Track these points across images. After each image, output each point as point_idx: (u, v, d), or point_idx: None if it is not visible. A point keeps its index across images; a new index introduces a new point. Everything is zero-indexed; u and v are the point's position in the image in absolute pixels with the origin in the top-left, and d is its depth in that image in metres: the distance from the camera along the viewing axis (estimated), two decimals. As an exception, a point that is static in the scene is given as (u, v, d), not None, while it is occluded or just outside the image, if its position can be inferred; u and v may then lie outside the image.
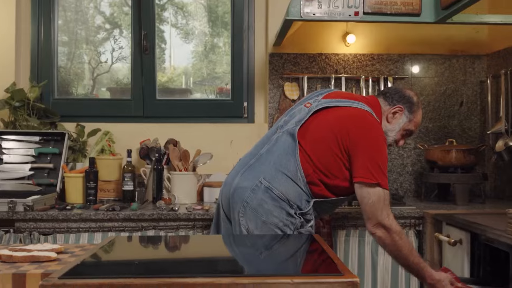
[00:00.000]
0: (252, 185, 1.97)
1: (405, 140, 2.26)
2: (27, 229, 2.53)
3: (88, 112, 3.32)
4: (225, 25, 3.55)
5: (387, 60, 3.30)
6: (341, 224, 2.60)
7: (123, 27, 3.58)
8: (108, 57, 3.59)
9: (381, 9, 2.67)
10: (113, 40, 3.62)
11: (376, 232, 1.95)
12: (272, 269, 1.26)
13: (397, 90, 2.23)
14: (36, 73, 3.29)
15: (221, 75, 3.52)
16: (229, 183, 2.08)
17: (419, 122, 2.23)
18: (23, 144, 3.03)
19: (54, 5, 3.34)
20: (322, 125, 2.03)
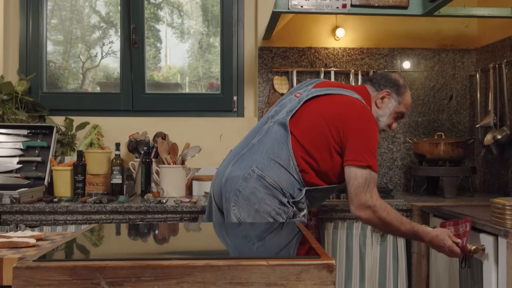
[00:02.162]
0: (244, 173, 1.96)
1: (397, 123, 2.26)
2: (14, 221, 2.52)
3: (77, 105, 3.31)
4: (220, 24, 3.54)
5: (376, 54, 3.30)
6: (329, 216, 2.60)
7: (119, 26, 3.57)
8: (98, 52, 3.58)
9: (369, 2, 2.67)
10: (103, 38, 3.61)
11: (361, 215, 1.94)
12: (248, 252, 1.25)
13: (382, 75, 2.24)
14: (24, 66, 3.28)
15: (216, 75, 3.51)
16: (221, 173, 2.07)
17: (408, 103, 2.23)
18: (11, 137, 3.02)
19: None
20: (313, 113, 2.03)
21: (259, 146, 2.03)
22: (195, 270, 1.07)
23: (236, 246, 1.38)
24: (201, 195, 2.94)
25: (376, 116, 2.13)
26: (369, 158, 1.92)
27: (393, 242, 2.61)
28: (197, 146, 2.93)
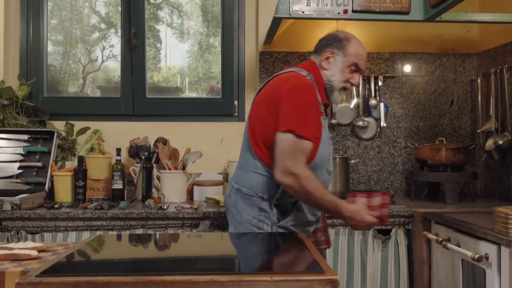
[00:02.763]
0: (228, 191, 2.11)
1: (358, 76, 2.13)
2: (14, 227, 2.51)
3: (78, 110, 3.30)
4: (219, 24, 3.54)
5: (377, 59, 3.29)
6: (330, 223, 2.59)
7: (118, 27, 3.56)
8: (99, 55, 3.57)
9: (370, 7, 2.67)
10: (103, 38, 3.60)
11: (284, 180, 1.86)
12: (252, 267, 1.25)
13: (322, 38, 2.19)
14: (25, 71, 3.27)
15: (216, 75, 3.51)
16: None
17: (358, 52, 2.10)
18: (12, 142, 3.01)
19: (43, 1, 3.32)
20: (258, 104, 2.08)
21: (239, 161, 2.15)
22: (199, 285, 1.07)
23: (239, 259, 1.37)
24: (202, 200, 2.94)
25: (327, 78, 2.08)
26: (291, 123, 1.88)
27: (394, 248, 2.61)
28: (198, 151, 2.93)
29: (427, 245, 2.49)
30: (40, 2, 3.30)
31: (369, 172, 3.26)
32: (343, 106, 3.22)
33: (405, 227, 2.62)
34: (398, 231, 2.61)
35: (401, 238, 2.60)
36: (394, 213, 2.61)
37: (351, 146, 3.26)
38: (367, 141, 3.26)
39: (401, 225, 2.62)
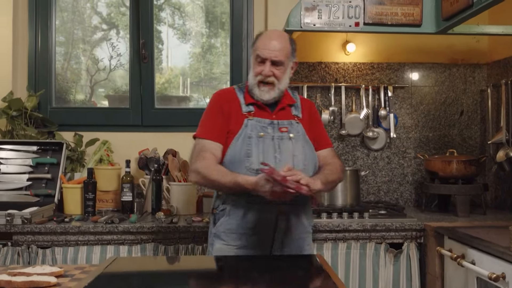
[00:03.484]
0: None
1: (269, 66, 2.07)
2: (25, 242, 2.50)
3: (86, 121, 3.29)
4: (222, 26, 3.53)
5: (387, 69, 3.28)
6: (341, 237, 2.58)
7: (120, 28, 3.55)
8: (106, 65, 3.56)
9: (382, 20, 2.66)
10: (111, 47, 3.59)
11: (192, 179, 2.06)
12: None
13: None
14: (33, 82, 3.26)
15: (218, 76, 3.50)
16: None
17: (261, 43, 2.09)
18: (21, 154, 3.00)
19: (51, 13, 3.31)
20: None
21: None
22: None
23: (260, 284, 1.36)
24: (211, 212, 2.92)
25: (249, 78, 2.16)
26: (198, 131, 2.15)
27: (406, 262, 2.59)
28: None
29: (440, 260, 2.48)
30: (48, 14, 3.29)
31: (379, 182, 3.25)
32: (352, 117, 3.21)
33: (417, 241, 2.61)
34: (410, 245, 2.60)
35: (413, 252, 2.59)
36: (406, 227, 2.60)
37: (361, 157, 3.25)
38: (377, 152, 3.25)
39: (413, 239, 2.61)
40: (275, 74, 2.08)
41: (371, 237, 2.60)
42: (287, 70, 2.12)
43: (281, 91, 2.12)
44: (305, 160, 2.08)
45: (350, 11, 2.63)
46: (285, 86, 2.13)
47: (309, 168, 2.08)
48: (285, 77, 2.11)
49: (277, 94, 2.11)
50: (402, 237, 2.61)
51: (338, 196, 2.88)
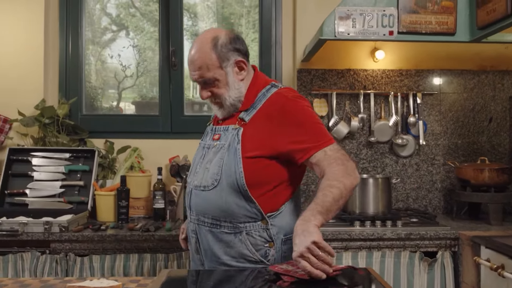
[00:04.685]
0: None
1: (201, 91, 1.85)
2: (63, 250, 2.53)
3: (116, 128, 3.31)
4: (231, 26, 3.54)
5: (415, 76, 3.28)
6: (376, 245, 2.59)
7: (130, 29, 3.57)
8: (134, 72, 3.58)
9: (416, 29, 2.66)
10: (137, 54, 3.62)
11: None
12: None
13: None
14: (64, 89, 3.29)
15: None
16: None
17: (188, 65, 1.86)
18: (53, 161, 3.03)
19: (81, 21, 3.34)
20: None
21: None
22: None
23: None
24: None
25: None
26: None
27: (440, 271, 2.59)
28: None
29: (476, 269, 2.48)
30: (79, 21, 3.32)
31: (407, 190, 3.25)
32: (381, 124, 3.21)
33: (451, 249, 2.61)
34: (444, 254, 2.60)
35: (447, 261, 2.59)
36: (440, 236, 2.60)
37: (389, 164, 3.25)
38: (405, 159, 3.25)
39: (447, 247, 2.61)
40: (213, 92, 1.82)
41: (406, 246, 2.60)
42: (226, 80, 1.81)
43: (233, 105, 1.84)
44: (217, 175, 1.74)
45: (384, 20, 2.64)
46: (236, 96, 1.83)
47: (222, 184, 1.73)
48: (228, 89, 1.81)
49: (231, 109, 1.84)
50: (436, 246, 2.61)
51: (369, 203, 2.88)
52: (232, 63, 1.82)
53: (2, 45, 3.17)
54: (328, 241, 2.57)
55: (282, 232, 1.77)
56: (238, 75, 1.84)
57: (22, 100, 3.12)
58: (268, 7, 3.34)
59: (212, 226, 1.78)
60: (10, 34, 3.17)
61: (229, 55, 1.81)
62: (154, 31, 3.56)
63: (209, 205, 1.77)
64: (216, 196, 1.74)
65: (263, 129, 1.75)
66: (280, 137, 1.73)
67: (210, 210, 1.77)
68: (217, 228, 1.77)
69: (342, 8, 2.63)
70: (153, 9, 3.58)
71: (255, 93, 1.84)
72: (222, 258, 1.76)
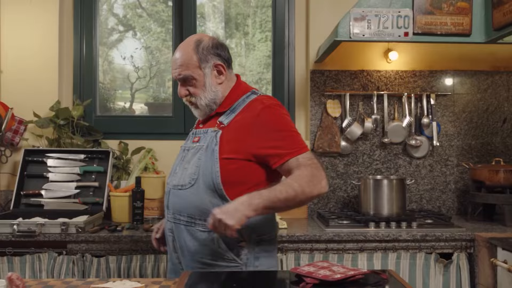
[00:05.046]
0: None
1: (180, 88, 1.97)
2: (79, 251, 2.54)
3: (129, 129, 3.33)
4: (237, 27, 3.55)
5: (429, 77, 3.28)
6: (391, 247, 2.59)
7: (137, 29, 3.59)
8: (147, 73, 3.60)
9: (431, 30, 2.66)
10: (150, 55, 3.63)
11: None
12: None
13: None
14: (78, 91, 3.31)
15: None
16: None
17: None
18: (68, 162, 3.05)
19: (95, 23, 3.36)
20: None
21: None
22: None
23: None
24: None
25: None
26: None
27: (456, 272, 2.59)
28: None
29: (492, 270, 2.47)
30: (93, 23, 3.34)
31: (421, 191, 3.25)
32: (395, 125, 3.21)
33: (467, 251, 2.61)
34: (460, 255, 2.59)
35: (463, 263, 2.59)
36: (456, 237, 2.60)
37: (403, 165, 3.25)
38: (419, 160, 3.25)
39: (463, 249, 2.60)
40: (190, 91, 1.92)
41: (421, 247, 2.60)
42: (203, 80, 1.89)
43: (208, 106, 1.91)
44: (195, 174, 1.82)
45: (399, 21, 2.64)
46: (211, 98, 1.90)
47: (199, 183, 1.80)
48: (204, 89, 1.89)
49: (206, 110, 1.92)
50: (452, 247, 2.61)
51: (384, 205, 2.88)
52: (211, 66, 1.90)
53: (18, 48, 3.19)
54: (344, 242, 2.58)
55: (255, 232, 1.82)
56: (216, 78, 1.92)
57: (37, 102, 3.15)
58: (281, 8, 3.35)
59: (187, 224, 1.84)
60: (25, 37, 3.19)
61: (208, 58, 1.90)
62: (161, 31, 3.58)
63: (186, 204, 1.84)
64: (193, 195, 1.81)
65: (240, 133, 1.81)
66: (256, 142, 1.79)
67: (186, 208, 1.84)
68: (192, 226, 1.83)
69: (357, 10, 2.63)
70: (159, 10, 3.60)
71: (235, 98, 1.91)
72: (197, 256, 1.82)
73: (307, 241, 2.59)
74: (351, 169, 3.23)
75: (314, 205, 3.21)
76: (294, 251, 2.59)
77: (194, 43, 1.91)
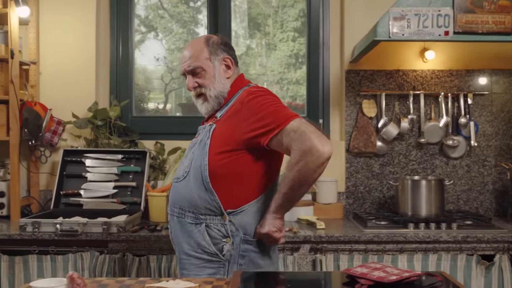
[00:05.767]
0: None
1: (188, 80, 1.97)
2: (121, 250, 2.57)
3: (164, 129, 3.35)
4: (258, 27, 3.55)
5: (466, 76, 3.24)
6: (431, 248, 2.57)
7: (159, 30, 3.61)
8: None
9: (472, 29, 2.63)
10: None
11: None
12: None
13: None
14: (115, 92, 3.34)
15: (254, 77, 3.51)
16: None
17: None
18: (106, 162, 3.08)
19: (131, 23, 3.39)
20: None
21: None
22: None
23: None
24: (293, 221, 2.94)
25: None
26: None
27: (498, 274, 2.55)
28: (291, 173, 2.92)
29: (536, 272, 2.44)
30: (128, 23, 3.37)
31: (458, 191, 3.21)
32: (431, 125, 3.18)
33: (509, 253, 2.57)
34: (502, 257, 2.56)
35: (505, 264, 2.55)
36: (498, 239, 2.56)
37: (439, 165, 3.21)
38: (456, 160, 3.21)
39: (505, 251, 2.57)
40: (199, 83, 1.94)
41: (462, 249, 2.57)
42: (213, 72, 1.93)
43: (217, 98, 1.94)
44: (188, 167, 1.87)
45: (440, 20, 2.61)
46: (220, 90, 1.94)
47: (190, 176, 1.85)
48: (213, 81, 1.93)
49: (214, 102, 1.94)
50: (493, 249, 2.58)
51: (422, 205, 2.86)
52: (220, 59, 1.96)
53: (57, 50, 3.23)
54: (383, 243, 2.57)
55: (241, 231, 1.84)
56: (224, 72, 1.97)
57: (75, 103, 3.19)
58: (316, 9, 3.34)
59: (179, 216, 1.89)
60: (63, 38, 3.23)
61: (218, 52, 1.96)
62: (182, 32, 3.60)
63: (178, 196, 1.90)
64: (184, 187, 1.87)
65: (230, 124, 1.85)
66: (242, 128, 1.80)
67: (178, 201, 1.89)
68: (182, 217, 1.88)
69: (396, 9, 2.61)
70: (181, 11, 3.62)
71: (232, 93, 1.96)
72: (184, 247, 1.88)
73: (346, 242, 2.58)
74: (387, 169, 3.21)
75: (350, 205, 3.20)
76: (333, 252, 2.58)
77: (204, 38, 1.99)
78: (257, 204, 1.86)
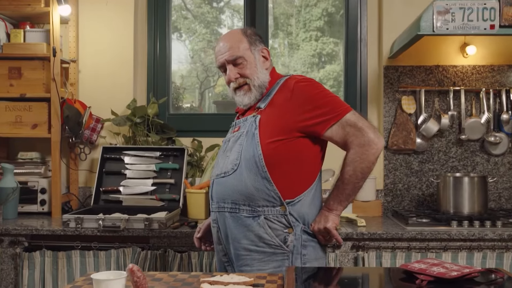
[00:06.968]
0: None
1: (229, 71, 1.93)
2: (162, 246, 2.58)
3: (200, 126, 3.36)
4: (280, 27, 3.51)
5: (508, 71, 3.17)
6: (476, 246, 2.52)
7: (182, 31, 3.60)
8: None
9: (519, 22, 2.56)
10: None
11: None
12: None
13: None
14: (153, 89, 3.36)
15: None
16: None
17: (215, 55, 1.99)
18: (144, 159, 3.10)
19: (168, 21, 3.40)
20: None
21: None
22: None
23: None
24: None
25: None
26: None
27: (546, 273, 2.49)
28: (330, 170, 2.90)
29: None
30: (166, 21, 3.39)
31: (500, 189, 3.14)
32: (472, 121, 3.12)
33: (558, 251, 2.51)
34: (551, 256, 2.50)
35: (554, 263, 2.49)
36: (547, 237, 2.50)
37: (480, 162, 3.15)
38: (497, 157, 3.14)
39: (554, 249, 2.51)
40: (241, 73, 1.91)
41: (508, 247, 2.52)
42: (254, 62, 1.92)
43: (260, 87, 1.92)
44: (237, 160, 1.82)
45: (485, 13, 2.55)
46: (263, 80, 1.93)
47: (241, 168, 1.80)
48: (256, 70, 1.91)
49: (257, 92, 1.91)
50: (542, 248, 2.52)
51: (464, 203, 2.81)
52: (259, 50, 1.95)
53: (95, 48, 3.26)
54: (427, 241, 2.53)
55: (300, 221, 1.83)
56: (263, 63, 1.96)
57: (113, 100, 3.21)
58: (354, 6, 3.30)
59: (232, 211, 1.83)
60: (102, 36, 3.26)
61: (256, 43, 1.95)
62: (205, 33, 3.60)
63: (229, 190, 1.83)
64: (236, 180, 1.81)
65: (279, 113, 1.82)
66: (297, 115, 1.79)
67: (230, 195, 1.83)
68: (236, 212, 1.82)
69: (441, 3, 2.56)
70: (205, 11, 3.62)
71: (271, 84, 1.94)
72: (242, 242, 1.82)
73: (388, 239, 2.55)
74: (426, 166, 3.16)
75: (388, 203, 3.16)
76: (376, 249, 2.55)
77: (241, 30, 1.98)
78: (311, 193, 1.85)
